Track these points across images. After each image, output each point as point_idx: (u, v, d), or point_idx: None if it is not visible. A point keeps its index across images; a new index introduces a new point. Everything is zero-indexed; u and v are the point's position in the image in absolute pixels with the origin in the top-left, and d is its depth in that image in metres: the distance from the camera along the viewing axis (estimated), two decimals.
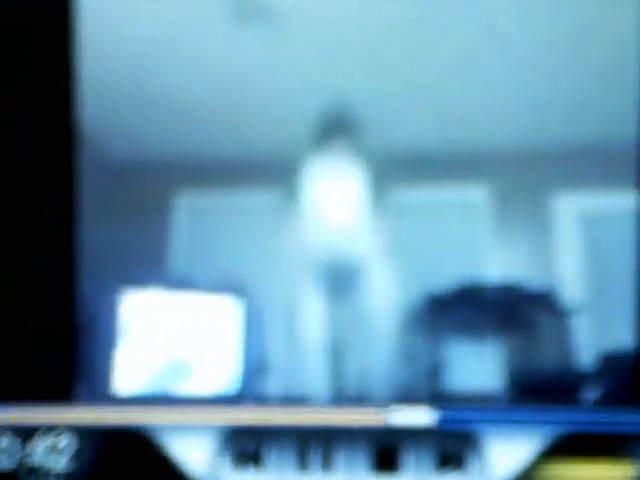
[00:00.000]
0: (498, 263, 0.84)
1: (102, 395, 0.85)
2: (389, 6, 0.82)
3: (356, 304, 0.84)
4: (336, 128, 0.83)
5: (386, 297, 0.84)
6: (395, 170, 0.84)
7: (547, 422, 0.81)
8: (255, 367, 0.85)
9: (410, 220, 0.84)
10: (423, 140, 0.83)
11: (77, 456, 0.83)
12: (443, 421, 0.81)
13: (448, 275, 0.84)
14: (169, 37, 0.83)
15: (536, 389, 0.83)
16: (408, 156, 0.84)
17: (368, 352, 0.84)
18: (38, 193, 0.83)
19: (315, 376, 0.84)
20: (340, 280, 0.84)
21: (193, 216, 0.86)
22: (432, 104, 0.82)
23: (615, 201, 0.83)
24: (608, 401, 0.83)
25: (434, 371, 0.84)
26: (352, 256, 0.84)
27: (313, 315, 0.85)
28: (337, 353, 0.84)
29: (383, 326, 0.84)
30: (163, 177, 0.85)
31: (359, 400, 0.84)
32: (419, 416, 0.81)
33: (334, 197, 0.84)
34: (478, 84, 0.83)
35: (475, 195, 0.83)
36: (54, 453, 0.83)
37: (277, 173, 0.84)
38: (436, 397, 0.84)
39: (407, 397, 0.84)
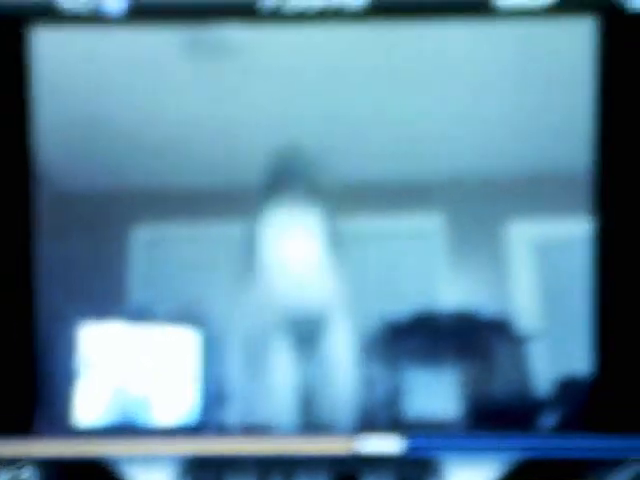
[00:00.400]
0: (454, 291, 0.83)
1: (63, 427, 0.85)
2: (341, 43, 0.81)
3: (315, 334, 0.84)
4: (290, 162, 0.82)
5: (345, 327, 0.83)
6: (350, 203, 0.84)
7: (506, 448, 0.82)
8: (215, 397, 0.85)
9: (366, 251, 0.84)
10: (377, 172, 0.83)
11: None
12: (408, 448, 0.82)
13: (405, 304, 0.84)
14: (125, 70, 0.83)
15: (494, 415, 0.84)
16: (363, 189, 0.83)
17: (329, 381, 0.84)
18: None
19: (276, 406, 0.84)
20: (298, 312, 0.83)
21: (151, 248, 0.85)
22: (385, 136, 0.82)
23: (570, 228, 0.83)
24: (565, 427, 0.83)
25: (394, 399, 0.84)
26: (309, 288, 0.84)
27: (273, 346, 0.84)
28: (299, 383, 0.84)
29: (343, 355, 0.84)
30: (121, 210, 0.84)
31: (322, 429, 0.84)
32: (384, 444, 0.82)
33: (289, 231, 0.84)
34: (430, 113, 0.83)
35: (429, 224, 0.83)
36: None
37: (233, 205, 0.84)
38: (396, 425, 0.84)
39: (369, 425, 0.84)
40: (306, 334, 0.84)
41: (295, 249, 0.84)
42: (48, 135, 0.83)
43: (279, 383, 0.84)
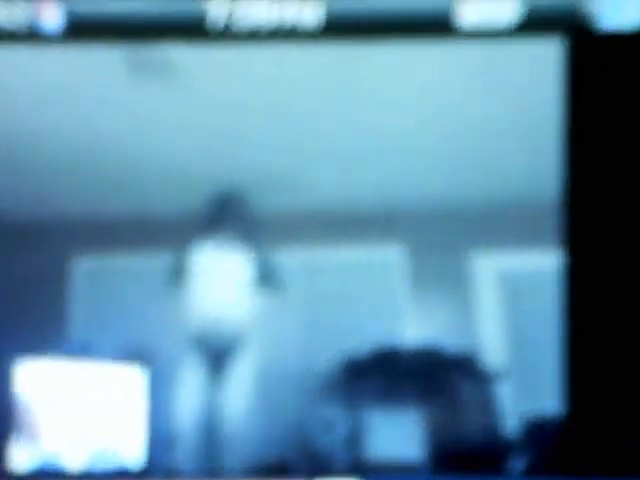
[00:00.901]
0: (416, 326, 0.81)
1: None
2: (294, 63, 0.79)
3: (269, 377, 0.81)
4: (233, 191, 0.79)
5: (300, 366, 0.80)
6: (304, 232, 0.82)
7: None
8: (164, 439, 0.82)
9: (321, 283, 0.81)
10: (334, 200, 0.81)
11: None
12: None
13: (362, 340, 0.81)
14: (63, 91, 0.80)
15: (460, 458, 0.81)
16: (319, 217, 0.81)
17: (285, 424, 0.82)
18: None
19: (228, 448, 0.81)
20: (243, 353, 0.82)
21: (92, 280, 0.82)
22: (342, 162, 0.80)
23: (537, 261, 0.80)
24: (534, 470, 0.81)
25: (352, 441, 0.82)
26: (259, 330, 0.82)
27: (223, 388, 0.82)
28: (248, 426, 0.81)
29: (299, 397, 0.81)
30: (60, 239, 0.82)
31: (276, 472, 0.81)
32: None
33: (230, 262, 0.82)
34: (388, 139, 0.81)
35: (389, 255, 0.81)
36: None
37: (172, 238, 0.81)
38: (356, 468, 0.81)
39: (326, 468, 0.81)
40: (259, 376, 0.82)
41: (234, 284, 0.83)
42: None
43: (231, 427, 0.81)
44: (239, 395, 0.81)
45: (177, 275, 0.82)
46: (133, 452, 0.82)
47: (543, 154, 0.80)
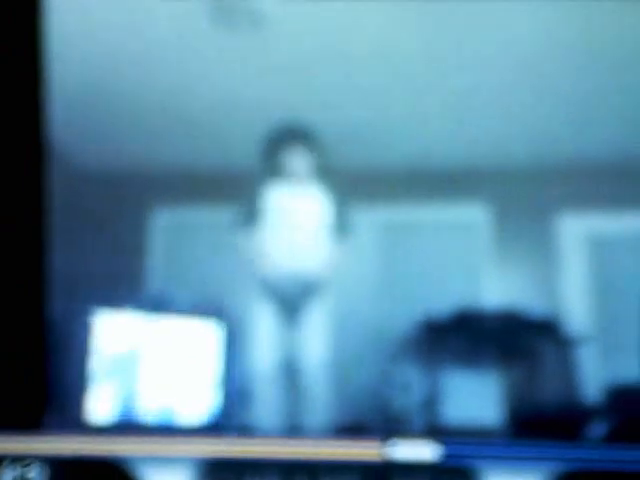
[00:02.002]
0: (498, 288, 0.80)
1: (74, 423, 0.82)
2: (377, 21, 0.78)
3: (345, 332, 0.80)
4: (315, 141, 0.78)
5: (376, 323, 0.78)
6: (383, 187, 0.80)
7: (551, 459, 0.77)
8: (238, 396, 0.82)
9: (401, 240, 0.81)
10: (419, 157, 0.80)
11: None
12: (445, 456, 0.77)
13: (444, 301, 0.80)
14: (147, 39, 0.80)
15: (539, 423, 0.80)
16: (402, 174, 0.80)
17: (361, 383, 0.81)
18: (5, 206, 0.79)
19: (305, 406, 0.81)
20: (319, 305, 0.82)
21: (170, 233, 0.82)
22: (429, 118, 0.79)
23: (628, 223, 0.79)
24: (616, 437, 0.79)
25: (430, 403, 0.81)
26: (334, 281, 0.81)
27: (298, 342, 0.82)
28: (324, 382, 0.81)
29: (376, 355, 0.80)
30: (139, 191, 0.81)
31: (352, 432, 0.80)
32: (420, 451, 0.78)
33: (307, 215, 0.81)
34: (478, 94, 0.79)
35: (472, 215, 0.80)
36: None
37: (250, 187, 0.80)
38: (432, 430, 0.80)
39: (402, 430, 0.80)
40: (336, 333, 0.82)
41: (312, 236, 0.83)
42: (63, 108, 0.80)
43: (306, 382, 0.81)
44: (315, 348, 0.80)
45: (251, 218, 0.81)
46: (208, 409, 0.82)
47: (634, 114, 0.78)
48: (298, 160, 0.79)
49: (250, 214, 0.80)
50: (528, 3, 0.76)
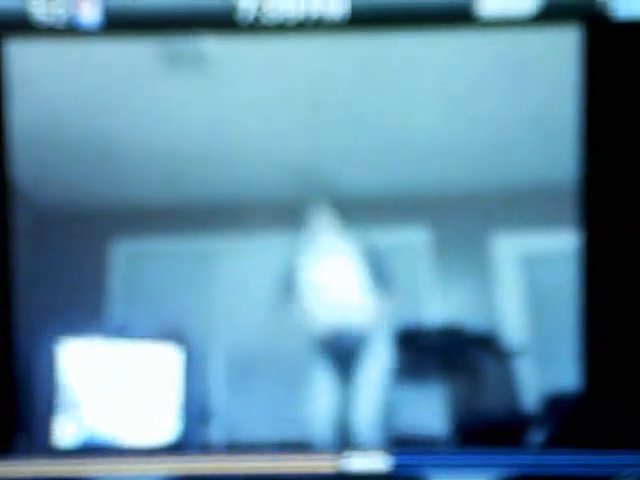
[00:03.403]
0: (439, 306, 0.82)
1: (42, 447, 0.84)
2: (322, 54, 0.81)
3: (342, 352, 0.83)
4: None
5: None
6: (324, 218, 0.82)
7: (494, 465, 0.82)
8: (198, 415, 0.84)
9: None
10: (358, 186, 0.83)
11: None
12: (395, 466, 0.81)
13: (389, 319, 0.83)
14: (101, 83, 0.82)
15: (482, 432, 0.83)
16: (345, 203, 0.82)
17: (313, 398, 0.84)
18: None
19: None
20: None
21: (131, 264, 0.84)
22: (367, 149, 0.82)
23: (556, 241, 0.81)
24: (553, 443, 0.82)
25: (380, 416, 0.83)
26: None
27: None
28: (284, 400, 0.83)
29: (323, 374, 0.84)
30: (100, 225, 0.84)
31: (306, 447, 0.83)
32: (370, 462, 0.81)
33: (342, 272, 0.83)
34: (412, 125, 0.82)
35: (415, 237, 0.81)
36: None
37: (208, 220, 0.83)
38: (384, 442, 0.83)
39: (354, 443, 0.83)
40: (336, 351, 0.84)
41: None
42: (24, 149, 0.82)
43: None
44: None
45: (289, 287, 0.84)
46: (170, 429, 0.84)
47: (561, 140, 0.81)
48: (321, 219, 0.82)
49: (287, 283, 0.83)
50: (453, 39, 0.80)
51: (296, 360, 0.82)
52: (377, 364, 0.83)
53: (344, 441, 0.83)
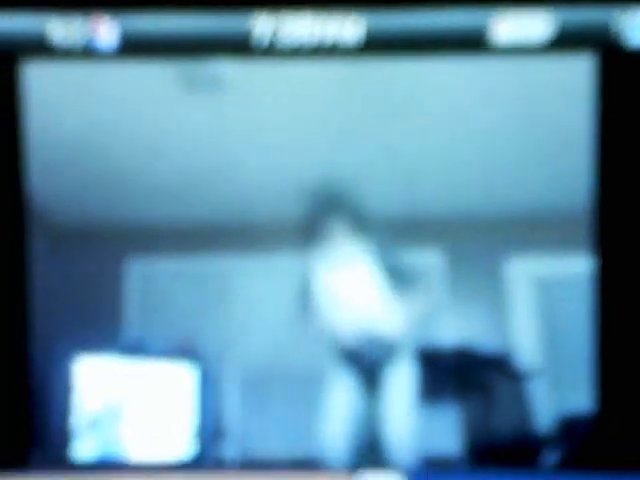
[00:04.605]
0: (454, 327, 0.82)
1: (59, 462, 0.85)
2: (336, 79, 0.81)
3: (374, 369, 0.83)
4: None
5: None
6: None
7: None
8: (212, 432, 0.84)
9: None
10: (374, 208, 0.83)
11: None
12: None
13: (403, 339, 0.83)
14: (117, 105, 0.83)
15: (495, 452, 0.83)
16: (360, 224, 0.82)
17: (328, 416, 0.84)
18: None
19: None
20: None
21: (147, 283, 0.85)
22: (381, 173, 0.82)
23: (570, 265, 0.82)
24: (567, 464, 0.83)
25: (394, 435, 0.83)
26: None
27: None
28: (298, 417, 0.84)
29: (342, 394, 0.84)
30: (116, 244, 0.84)
31: (320, 465, 0.84)
32: None
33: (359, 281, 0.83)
34: (426, 150, 0.82)
35: (431, 259, 0.81)
36: None
37: (225, 241, 0.83)
38: (396, 461, 0.83)
39: (367, 461, 0.84)
40: (358, 366, 0.84)
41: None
42: (42, 171, 0.83)
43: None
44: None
45: (306, 299, 0.84)
46: (184, 445, 0.85)
47: (575, 165, 0.81)
48: (337, 229, 0.82)
49: (304, 299, 0.83)
50: (467, 65, 0.80)
51: (310, 377, 0.82)
52: (400, 380, 0.84)
53: (359, 459, 0.83)
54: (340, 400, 0.83)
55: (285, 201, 0.82)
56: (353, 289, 0.84)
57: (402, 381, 0.84)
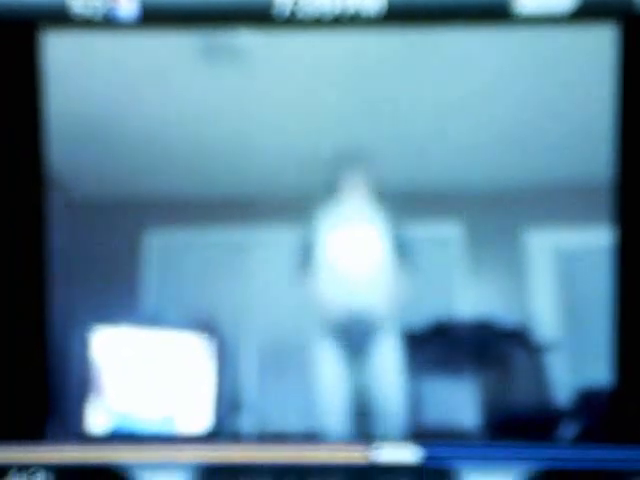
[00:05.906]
0: (472, 300, 0.82)
1: (75, 433, 0.85)
2: (357, 49, 0.81)
3: (360, 342, 0.84)
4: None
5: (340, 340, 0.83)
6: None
7: (525, 458, 0.82)
8: (230, 404, 0.84)
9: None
10: (393, 179, 0.83)
11: None
12: (425, 458, 0.82)
13: (422, 312, 0.83)
14: (138, 75, 0.82)
15: (513, 425, 0.83)
16: (379, 194, 0.82)
17: (345, 390, 0.84)
18: (7, 232, 0.82)
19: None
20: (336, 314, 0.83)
21: (165, 253, 0.85)
22: (401, 145, 0.82)
23: (590, 237, 0.81)
24: (585, 438, 0.82)
25: (411, 408, 0.83)
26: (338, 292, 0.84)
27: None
28: (316, 390, 0.84)
29: (356, 365, 0.83)
30: (135, 215, 0.84)
31: (337, 438, 0.84)
32: (401, 453, 0.81)
33: (365, 244, 0.83)
34: (447, 121, 0.82)
35: (448, 232, 0.81)
36: None
37: (243, 212, 0.83)
38: (414, 434, 0.83)
39: (385, 434, 0.84)
40: (347, 340, 0.84)
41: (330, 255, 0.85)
42: (61, 141, 0.83)
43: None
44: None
45: (308, 257, 0.84)
46: (202, 417, 0.85)
47: (596, 136, 0.81)
48: (352, 187, 0.82)
49: (307, 253, 0.83)
50: (490, 35, 0.80)
51: (327, 349, 0.82)
52: (390, 352, 0.83)
53: (374, 432, 0.83)
54: (330, 372, 0.84)
55: (303, 172, 0.82)
56: (362, 258, 0.84)
57: (392, 355, 0.83)
